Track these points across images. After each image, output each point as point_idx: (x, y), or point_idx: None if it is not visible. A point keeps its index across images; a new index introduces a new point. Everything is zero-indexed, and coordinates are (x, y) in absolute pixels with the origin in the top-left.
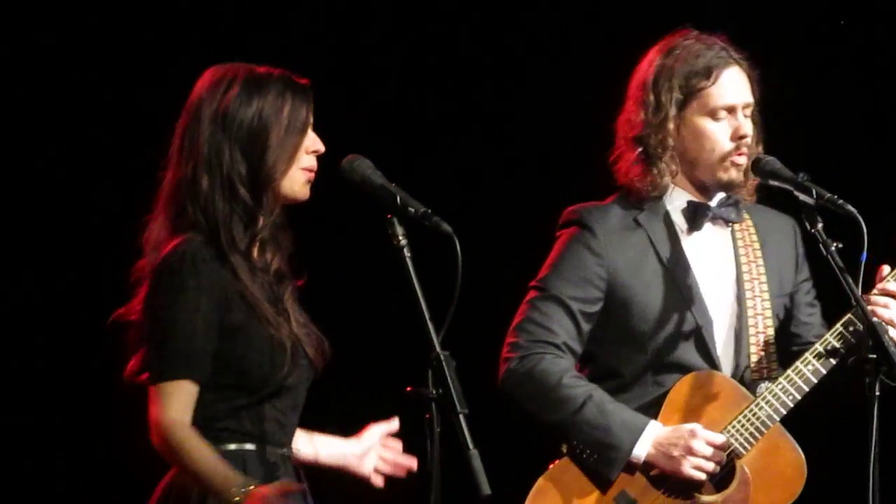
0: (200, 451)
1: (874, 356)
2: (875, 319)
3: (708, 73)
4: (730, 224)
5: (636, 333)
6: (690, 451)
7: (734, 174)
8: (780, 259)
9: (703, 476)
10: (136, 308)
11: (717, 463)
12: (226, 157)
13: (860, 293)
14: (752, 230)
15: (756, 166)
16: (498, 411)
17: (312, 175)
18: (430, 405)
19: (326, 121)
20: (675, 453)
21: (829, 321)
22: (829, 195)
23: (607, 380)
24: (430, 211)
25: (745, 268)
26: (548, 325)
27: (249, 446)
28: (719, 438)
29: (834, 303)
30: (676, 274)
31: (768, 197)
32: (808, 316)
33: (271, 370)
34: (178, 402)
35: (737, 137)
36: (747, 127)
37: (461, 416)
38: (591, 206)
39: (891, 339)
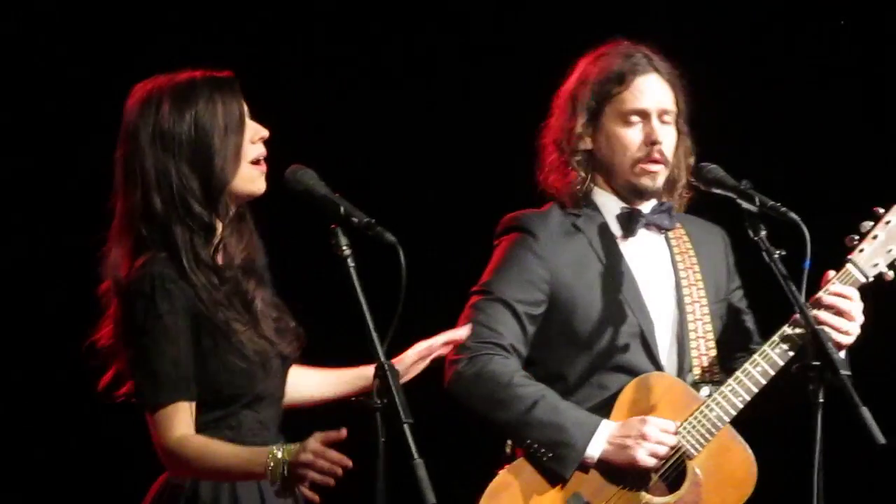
0: (216, 451)
1: (817, 363)
2: (818, 326)
3: (621, 79)
4: (663, 231)
5: (580, 335)
6: (643, 437)
7: (647, 182)
8: (714, 266)
9: (655, 462)
10: (105, 332)
11: (670, 447)
12: (173, 176)
13: (804, 300)
14: (686, 238)
15: (699, 174)
16: (444, 420)
17: (264, 166)
18: (375, 415)
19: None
20: (629, 442)
21: (772, 328)
22: (771, 203)
23: (554, 383)
24: (373, 221)
25: (682, 273)
26: (494, 327)
27: None
28: (670, 424)
29: (777, 311)
30: (617, 278)
31: (698, 206)
32: (744, 323)
33: (245, 384)
34: (178, 422)
35: (649, 143)
36: (662, 133)
37: (406, 426)
38: (530, 212)
39: (834, 344)
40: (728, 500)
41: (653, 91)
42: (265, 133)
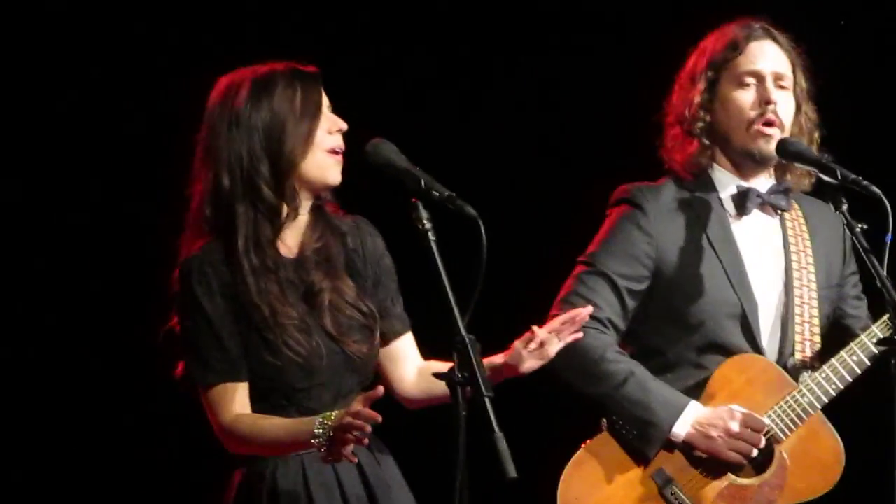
0: (265, 427)
1: None
2: None
3: (736, 45)
4: (779, 212)
5: (681, 313)
6: (729, 433)
7: (762, 144)
8: (829, 251)
9: (740, 458)
10: (175, 319)
11: (755, 446)
12: (245, 157)
13: (885, 273)
14: (802, 220)
15: (780, 147)
16: (524, 394)
17: (340, 157)
18: (456, 389)
19: (350, 105)
20: (714, 433)
21: (876, 314)
22: (853, 176)
23: (650, 359)
24: (454, 194)
25: (794, 257)
26: (594, 300)
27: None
28: (759, 421)
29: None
30: (724, 257)
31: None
32: (855, 309)
33: (277, 379)
34: (228, 403)
35: (763, 103)
36: (777, 96)
37: (487, 400)
38: (643, 185)
39: None
40: (814, 486)
41: (767, 55)
42: (343, 125)
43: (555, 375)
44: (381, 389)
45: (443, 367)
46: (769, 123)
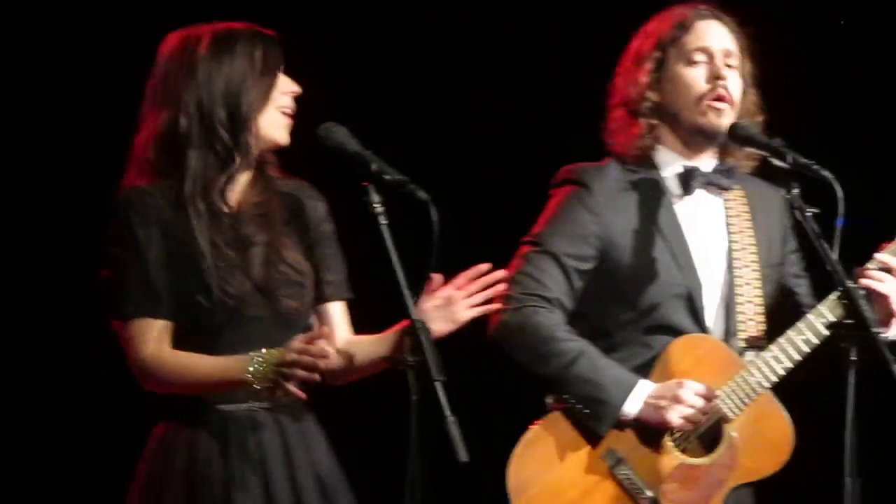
0: (193, 362)
1: (851, 321)
2: (851, 284)
3: (684, 24)
4: (722, 192)
5: (627, 293)
6: (677, 400)
7: (713, 118)
8: (770, 230)
9: (689, 425)
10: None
11: (705, 413)
12: (205, 102)
13: (836, 258)
14: (744, 200)
15: (732, 131)
16: (476, 378)
17: (290, 120)
18: (408, 373)
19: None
20: (663, 403)
21: (821, 293)
22: (804, 160)
23: (597, 339)
24: (406, 178)
25: (735, 237)
26: (542, 280)
27: (225, 406)
28: (708, 390)
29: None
30: (668, 237)
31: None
32: (797, 287)
33: (208, 318)
34: (149, 337)
35: (713, 78)
36: (726, 73)
37: (439, 384)
38: (588, 166)
39: (867, 305)
40: (763, 466)
41: (715, 33)
42: (297, 89)
43: (505, 356)
44: (325, 330)
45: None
46: (720, 98)
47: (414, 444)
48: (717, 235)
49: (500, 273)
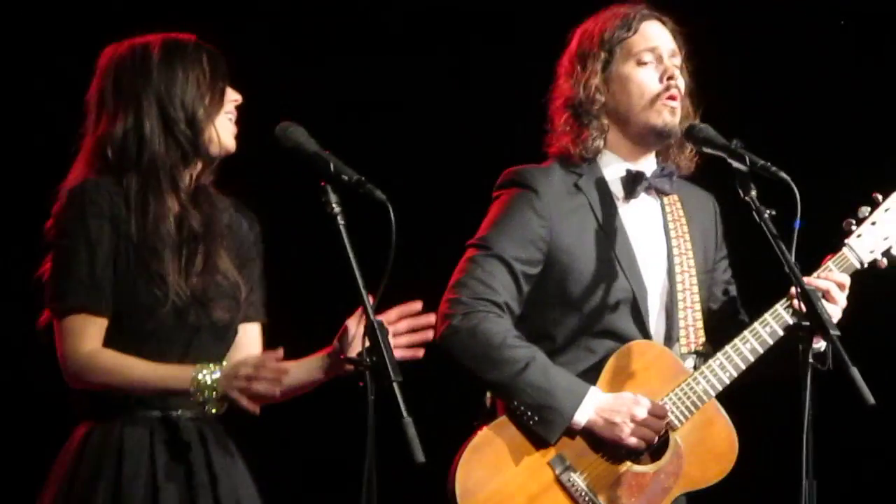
0: (132, 363)
1: (807, 323)
2: (809, 286)
3: (628, 25)
4: (660, 196)
5: (572, 297)
6: (633, 419)
7: (668, 117)
8: (705, 235)
9: (643, 444)
10: (48, 268)
11: (657, 432)
12: (165, 105)
13: (794, 260)
14: (679, 205)
15: (689, 133)
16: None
17: (235, 127)
18: (364, 373)
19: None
20: (618, 420)
21: (771, 296)
22: (762, 162)
23: (539, 342)
24: (363, 178)
25: (674, 242)
26: (490, 284)
27: (153, 413)
28: (662, 408)
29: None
30: (614, 241)
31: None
32: (729, 293)
33: (149, 317)
34: (82, 336)
35: (665, 78)
36: (675, 72)
37: (395, 384)
38: (532, 167)
39: (824, 308)
40: (708, 473)
41: (660, 34)
42: (238, 97)
43: (455, 359)
44: (280, 351)
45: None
46: (673, 97)
47: (370, 444)
48: (657, 240)
49: (431, 318)
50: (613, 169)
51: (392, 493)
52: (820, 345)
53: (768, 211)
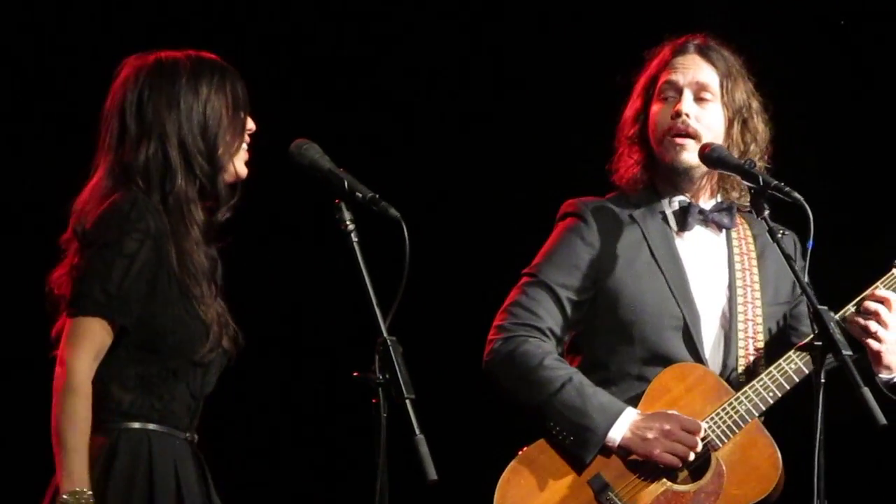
0: (82, 426)
1: (819, 343)
2: (822, 307)
3: (665, 61)
4: (723, 230)
5: (624, 325)
6: (665, 434)
7: (673, 154)
8: (779, 271)
9: (676, 461)
10: (62, 280)
11: (691, 448)
12: (187, 136)
13: (807, 280)
14: (751, 240)
15: (703, 153)
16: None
17: (247, 154)
18: (377, 390)
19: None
20: (650, 436)
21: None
22: (775, 182)
23: (595, 372)
24: (377, 196)
25: (738, 274)
26: (534, 310)
27: (153, 426)
28: (695, 424)
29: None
30: (667, 269)
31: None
32: (808, 327)
33: (187, 340)
34: (91, 346)
35: (674, 115)
36: (693, 108)
37: (408, 402)
38: (588, 199)
39: (836, 327)
40: (749, 494)
41: (689, 67)
42: (253, 126)
43: (494, 383)
44: None
45: None
46: (678, 133)
47: (382, 462)
48: (718, 271)
49: None
50: (669, 201)
51: None
52: (892, 375)
53: (782, 231)
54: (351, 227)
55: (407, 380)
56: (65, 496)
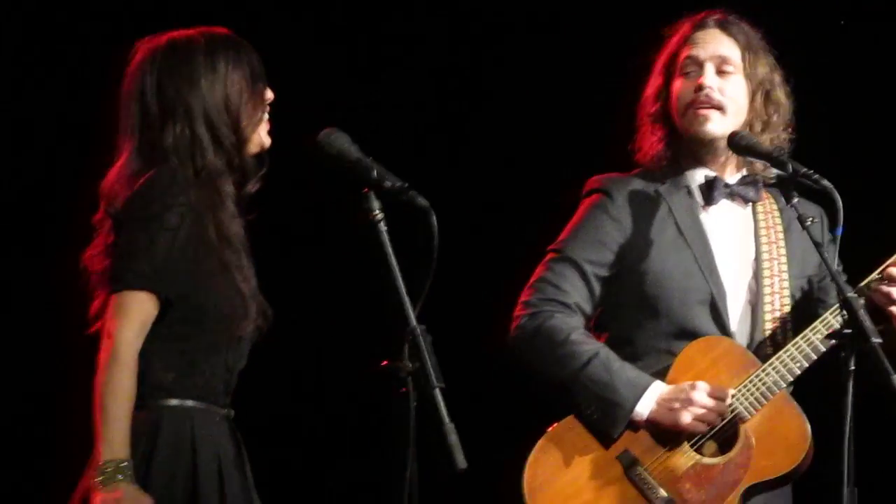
0: (124, 397)
1: (850, 331)
2: (851, 294)
3: (686, 36)
4: (749, 203)
5: (650, 300)
6: (690, 402)
7: (697, 126)
8: (804, 244)
9: (702, 426)
10: (95, 258)
11: (719, 414)
12: (211, 111)
13: (836, 266)
14: (777, 213)
15: (731, 141)
16: (477, 384)
17: (268, 124)
18: (407, 379)
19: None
20: (676, 405)
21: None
22: (804, 170)
23: (621, 347)
24: (406, 185)
25: (764, 247)
26: (560, 285)
27: (193, 403)
28: (722, 391)
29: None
30: (693, 244)
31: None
32: (830, 300)
33: (230, 313)
34: (137, 318)
35: (696, 88)
36: (715, 80)
37: (437, 391)
38: (613, 175)
39: (865, 314)
40: (779, 465)
41: (709, 41)
42: (272, 95)
43: (521, 358)
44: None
45: None
46: (701, 104)
47: (412, 451)
48: (745, 245)
49: None
50: (694, 175)
51: (435, 502)
52: None
53: (811, 218)
54: (380, 216)
55: (436, 368)
56: (104, 464)
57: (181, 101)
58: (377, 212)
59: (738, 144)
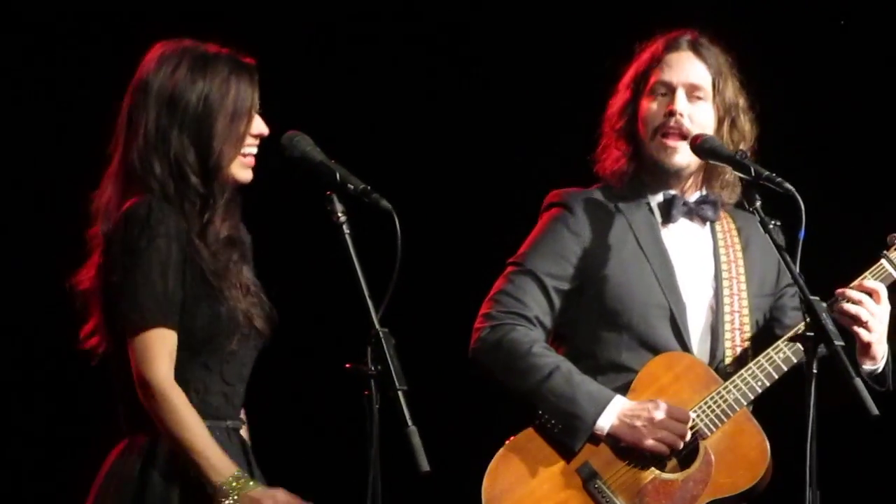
0: (194, 422)
1: (812, 334)
2: (813, 298)
3: (656, 57)
4: (707, 222)
5: (610, 314)
6: (654, 423)
7: (663, 156)
8: (764, 263)
9: (664, 449)
10: (87, 276)
11: (680, 436)
12: (174, 142)
13: (798, 270)
14: (735, 232)
15: (694, 145)
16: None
17: (253, 160)
18: (369, 382)
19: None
20: (638, 424)
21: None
22: (766, 173)
23: (581, 361)
24: (369, 187)
25: (724, 266)
26: (521, 298)
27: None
28: (683, 413)
29: None
30: (653, 259)
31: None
32: (791, 319)
33: (216, 335)
34: (163, 354)
35: (666, 113)
36: (686, 107)
37: (400, 393)
38: (574, 190)
39: (828, 317)
40: (738, 482)
41: (682, 66)
42: (265, 131)
43: (482, 370)
44: None
45: None
46: (669, 133)
47: (374, 454)
48: (704, 263)
49: None
50: (654, 193)
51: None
52: (877, 366)
53: (773, 221)
54: (343, 218)
55: (399, 371)
56: (223, 486)
57: (161, 127)
58: (340, 214)
59: (702, 147)
